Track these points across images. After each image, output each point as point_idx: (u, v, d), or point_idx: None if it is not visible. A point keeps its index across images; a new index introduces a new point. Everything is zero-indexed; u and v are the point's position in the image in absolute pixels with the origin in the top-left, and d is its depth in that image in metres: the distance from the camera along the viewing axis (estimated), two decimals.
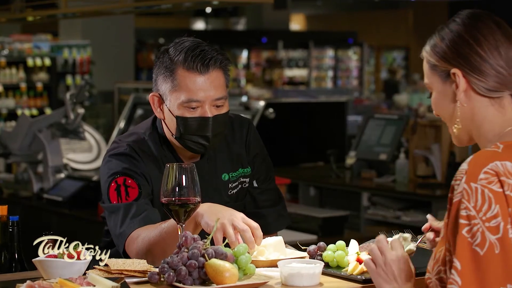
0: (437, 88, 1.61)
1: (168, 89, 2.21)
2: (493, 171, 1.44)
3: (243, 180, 2.38)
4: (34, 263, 1.90)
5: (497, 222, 1.41)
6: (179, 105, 2.20)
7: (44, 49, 8.77)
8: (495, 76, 1.54)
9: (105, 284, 1.73)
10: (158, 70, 2.24)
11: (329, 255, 2.01)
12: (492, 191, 1.42)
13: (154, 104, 2.27)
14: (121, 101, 7.17)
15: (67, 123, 4.83)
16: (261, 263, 2.01)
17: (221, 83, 2.22)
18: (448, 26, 1.60)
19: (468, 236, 1.42)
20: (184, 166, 1.97)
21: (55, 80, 8.74)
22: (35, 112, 8.46)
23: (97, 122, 7.25)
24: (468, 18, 1.59)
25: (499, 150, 1.48)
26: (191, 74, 2.18)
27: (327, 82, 14.56)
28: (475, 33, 1.56)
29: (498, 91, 1.55)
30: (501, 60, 1.55)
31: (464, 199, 1.44)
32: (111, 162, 2.26)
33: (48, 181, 4.75)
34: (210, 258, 1.82)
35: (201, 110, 2.20)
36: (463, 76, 1.56)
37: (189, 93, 2.18)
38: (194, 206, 1.98)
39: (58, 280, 1.74)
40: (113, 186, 2.22)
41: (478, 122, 1.57)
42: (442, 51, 1.59)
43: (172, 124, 2.24)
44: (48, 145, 4.77)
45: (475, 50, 1.55)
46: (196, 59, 2.18)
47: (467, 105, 1.57)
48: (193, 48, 2.20)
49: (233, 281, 1.81)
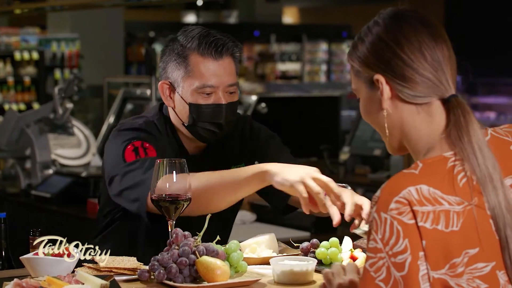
0: (363, 95, 1.49)
1: (180, 75, 2.20)
2: (405, 200, 1.32)
3: None
4: (22, 261, 1.89)
5: (403, 258, 1.30)
6: (193, 92, 2.19)
7: (32, 43, 8.73)
8: (421, 81, 1.42)
9: (94, 282, 1.71)
10: (169, 58, 2.22)
11: (323, 252, 2.01)
12: (401, 223, 1.31)
13: (164, 92, 2.25)
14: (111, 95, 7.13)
15: (55, 118, 4.80)
16: (253, 261, 2.00)
17: (233, 70, 2.23)
18: (369, 27, 1.48)
19: (371, 270, 1.33)
20: (175, 161, 1.95)
21: (43, 74, 8.71)
22: (22, 107, 8.42)
23: (86, 117, 7.21)
24: (390, 18, 1.46)
25: (417, 171, 1.36)
26: (205, 60, 2.18)
27: (320, 76, 14.56)
28: (396, 34, 1.44)
29: (425, 97, 1.42)
30: (426, 64, 1.42)
31: (373, 229, 1.33)
32: (123, 134, 2.20)
33: (36, 177, 4.72)
34: (201, 256, 1.81)
35: (214, 97, 2.20)
36: (387, 83, 1.44)
37: (203, 78, 2.18)
38: (185, 202, 1.96)
39: (46, 278, 1.73)
40: (129, 148, 2.16)
41: (407, 131, 1.45)
42: (363, 55, 1.47)
43: (184, 112, 2.22)
44: (36, 141, 4.74)
45: (397, 54, 1.42)
46: (210, 45, 2.18)
47: (394, 113, 1.44)
48: (206, 35, 2.20)
49: (224, 278, 1.80)
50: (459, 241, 1.32)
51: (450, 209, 1.33)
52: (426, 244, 1.31)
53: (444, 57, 1.43)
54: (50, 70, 8.79)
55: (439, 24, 1.47)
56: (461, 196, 1.34)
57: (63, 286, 1.68)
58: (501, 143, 1.45)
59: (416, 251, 1.30)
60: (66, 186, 4.49)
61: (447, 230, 1.32)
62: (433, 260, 1.31)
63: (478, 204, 1.35)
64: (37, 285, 1.71)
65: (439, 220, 1.32)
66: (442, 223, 1.32)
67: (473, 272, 1.33)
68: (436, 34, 1.45)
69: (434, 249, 1.31)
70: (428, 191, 1.33)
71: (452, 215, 1.33)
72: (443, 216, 1.32)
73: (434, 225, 1.31)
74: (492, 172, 1.36)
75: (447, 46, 1.45)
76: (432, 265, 1.31)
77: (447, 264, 1.31)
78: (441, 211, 1.32)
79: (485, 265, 1.34)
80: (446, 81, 1.43)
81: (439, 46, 1.44)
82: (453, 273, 1.31)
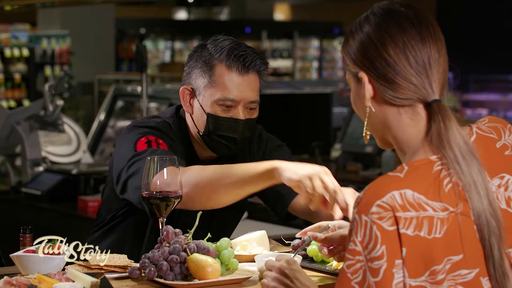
0: (352, 87, 1.49)
1: (203, 84, 2.20)
2: (387, 205, 1.30)
3: None
4: (12, 259, 1.88)
5: (379, 265, 1.28)
6: (213, 102, 2.18)
7: (22, 39, 8.71)
8: (403, 84, 1.40)
9: (84, 280, 1.70)
10: (195, 64, 2.22)
11: (314, 250, 2.00)
12: (381, 229, 1.29)
13: (185, 97, 2.24)
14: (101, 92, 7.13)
15: (45, 115, 4.78)
16: (244, 258, 2.00)
17: (257, 87, 2.23)
18: (361, 23, 1.46)
19: (349, 271, 1.31)
20: (166, 158, 1.94)
21: (34, 71, 8.68)
22: (13, 104, 8.39)
23: (76, 114, 7.20)
24: (380, 15, 1.44)
25: (402, 174, 1.33)
26: (230, 73, 2.18)
27: (312, 73, 14.57)
28: (383, 34, 1.41)
29: (407, 99, 1.40)
30: (410, 67, 1.39)
31: (353, 231, 1.32)
32: (139, 129, 2.19)
33: (26, 175, 4.70)
34: (192, 253, 1.81)
35: (234, 111, 2.19)
36: (369, 82, 1.42)
37: (225, 91, 2.17)
38: (176, 199, 1.95)
39: (37, 276, 1.72)
40: (143, 140, 2.16)
41: (391, 130, 1.43)
42: (352, 51, 1.45)
43: (201, 120, 2.21)
44: (26, 138, 4.73)
45: (381, 55, 1.40)
46: (238, 59, 2.18)
47: (377, 111, 1.43)
48: (235, 48, 2.20)
49: (215, 276, 1.80)
50: (442, 248, 1.31)
51: (434, 215, 1.31)
52: (406, 252, 1.29)
53: (431, 59, 1.41)
54: (40, 67, 8.77)
55: (432, 21, 1.44)
56: (446, 202, 1.33)
57: (54, 283, 1.67)
58: (487, 141, 1.43)
59: (393, 259, 1.29)
60: (56, 183, 4.48)
61: (430, 237, 1.30)
62: (412, 267, 1.29)
63: (462, 211, 1.33)
64: (27, 282, 1.70)
65: (422, 227, 1.30)
66: (425, 229, 1.30)
67: (456, 278, 1.32)
68: (426, 34, 1.42)
69: (414, 256, 1.29)
70: (412, 196, 1.31)
71: (436, 222, 1.31)
72: (426, 223, 1.31)
73: (417, 232, 1.30)
74: (476, 179, 1.34)
75: (437, 47, 1.42)
76: (411, 273, 1.29)
77: (427, 271, 1.30)
78: (425, 217, 1.31)
79: (468, 272, 1.33)
80: (429, 86, 1.40)
81: (427, 47, 1.41)
82: (433, 280, 1.30)
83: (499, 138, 1.44)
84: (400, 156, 1.45)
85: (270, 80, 13.08)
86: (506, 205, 1.40)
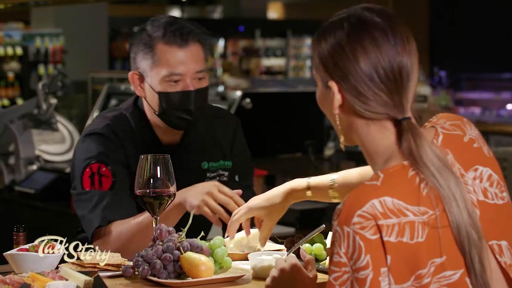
0: (318, 87, 1.47)
1: (148, 65, 2.23)
2: (369, 214, 1.29)
3: (222, 172, 2.39)
4: (5, 257, 1.88)
5: (365, 275, 1.28)
6: (161, 80, 2.21)
7: (16, 38, 8.68)
8: (374, 99, 1.37)
9: (78, 278, 1.71)
10: (137, 48, 2.25)
11: (307, 248, 2.01)
12: (364, 238, 1.28)
13: (134, 82, 2.28)
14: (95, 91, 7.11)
15: (39, 113, 4.78)
16: (238, 256, 2.01)
17: (200, 56, 2.25)
18: (334, 26, 1.41)
19: (337, 283, 1.30)
20: (159, 157, 1.95)
21: (27, 70, 8.66)
22: (6, 102, 8.37)
23: (70, 113, 7.18)
24: (354, 24, 1.39)
25: (379, 182, 1.32)
26: (170, 48, 2.21)
27: (305, 72, 14.55)
28: (356, 46, 1.37)
29: (377, 113, 1.38)
30: (382, 84, 1.36)
31: (337, 243, 1.31)
32: (87, 143, 2.26)
33: (20, 173, 4.70)
34: (185, 251, 1.81)
35: (182, 84, 2.22)
36: (339, 91, 1.40)
37: (170, 67, 2.20)
38: (169, 198, 1.96)
39: (30, 274, 1.72)
40: (87, 173, 2.22)
41: (359, 137, 1.41)
42: (324, 55, 1.41)
43: (154, 100, 2.24)
44: (20, 136, 4.72)
45: (353, 67, 1.37)
46: (175, 33, 2.21)
47: (345, 119, 1.41)
48: (171, 23, 2.23)
49: (209, 274, 1.80)
50: (425, 252, 1.31)
51: (415, 220, 1.31)
52: (391, 259, 1.29)
53: (403, 74, 1.38)
54: (34, 65, 8.74)
55: (407, 34, 1.40)
56: (425, 206, 1.32)
57: (47, 282, 1.67)
58: (454, 138, 1.44)
59: (378, 268, 1.28)
60: (50, 182, 4.47)
61: (412, 241, 1.30)
62: (397, 273, 1.29)
63: (441, 214, 1.33)
64: (21, 281, 1.70)
65: (404, 232, 1.30)
66: (407, 235, 1.30)
67: (441, 280, 1.32)
68: (401, 48, 1.38)
69: (399, 263, 1.29)
70: (392, 202, 1.31)
71: (417, 226, 1.31)
72: (408, 228, 1.31)
73: (399, 238, 1.30)
74: (454, 192, 1.34)
75: (411, 61, 1.39)
76: (396, 279, 1.29)
77: (412, 275, 1.30)
78: (406, 223, 1.31)
79: (453, 272, 1.33)
80: (400, 103, 1.38)
81: (400, 62, 1.38)
82: (419, 284, 1.30)
83: (464, 134, 1.45)
84: (368, 162, 1.43)
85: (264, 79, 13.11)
86: (483, 196, 1.41)
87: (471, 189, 1.40)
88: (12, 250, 1.89)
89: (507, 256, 1.40)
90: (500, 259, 1.39)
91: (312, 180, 2.00)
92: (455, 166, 1.40)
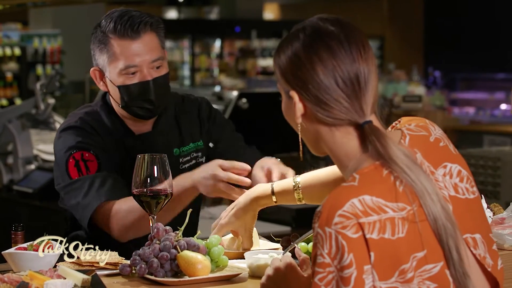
0: (283, 99, 1.49)
1: (105, 60, 2.24)
2: (349, 213, 1.31)
3: (196, 155, 2.40)
4: (4, 256, 1.89)
5: (349, 273, 1.29)
6: (118, 74, 2.23)
7: (14, 39, 8.68)
8: (335, 106, 1.39)
9: (75, 277, 1.71)
10: (94, 45, 2.27)
11: (303, 246, 2.01)
12: (346, 237, 1.30)
13: (96, 78, 2.30)
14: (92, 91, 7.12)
15: (37, 113, 4.79)
16: (234, 255, 2.01)
17: (156, 45, 2.25)
18: (291, 38, 1.44)
19: (322, 284, 1.32)
20: (156, 156, 1.96)
21: (25, 70, 8.66)
22: (4, 102, 8.37)
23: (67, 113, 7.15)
24: (310, 35, 1.42)
25: (356, 183, 1.35)
26: (123, 42, 2.21)
27: None
28: (312, 56, 1.40)
29: (339, 119, 1.41)
30: (340, 90, 1.39)
31: (319, 244, 1.32)
32: (63, 137, 2.27)
33: (18, 173, 4.71)
34: (182, 250, 1.82)
35: (140, 75, 2.23)
36: (300, 100, 1.42)
37: (125, 60, 2.22)
38: (166, 197, 1.97)
39: (28, 273, 1.72)
40: (71, 162, 2.22)
41: (326, 144, 1.44)
42: (283, 67, 1.44)
43: (116, 94, 2.27)
44: (18, 136, 4.73)
45: (312, 77, 1.40)
46: (125, 26, 2.21)
47: (309, 127, 1.44)
48: (122, 16, 2.24)
49: (205, 273, 1.81)
50: (406, 247, 1.33)
51: (394, 216, 1.33)
52: (374, 256, 1.31)
53: (361, 80, 1.41)
54: (32, 66, 8.74)
55: (363, 40, 1.43)
56: (402, 202, 1.34)
57: (45, 280, 1.68)
58: (420, 139, 1.46)
59: (361, 265, 1.30)
60: (48, 181, 4.48)
61: (394, 237, 1.32)
62: (381, 270, 1.31)
63: (418, 209, 1.35)
64: (19, 279, 1.71)
65: (386, 229, 1.32)
66: (389, 231, 1.32)
67: (422, 274, 1.34)
68: (356, 54, 1.41)
69: (382, 259, 1.31)
70: (371, 200, 1.33)
71: (397, 222, 1.33)
72: (389, 224, 1.32)
73: (381, 235, 1.31)
74: (427, 186, 1.36)
75: (367, 66, 1.42)
76: (381, 275, 1.31)
77: (396, 271, 1.32)
78: (387, 219, 1.32)
79: (433, 265, 1.35)
80: (360, 108, 1.41)
81: (357, 68, 1.40)
82: (403, 279, 1.32)
83: (429, 134, 1.48)
84: (339, 168, 1.46)
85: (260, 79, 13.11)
86: (454, 192, 1.44)
87: (442, 185, 1.43)
88: (10, 248, 1.90)
89: (481, 249, 1.43)
90: (475, 251, 1.42)
91: (275, 185, 2.04)
92: (424, 164, 1.42)
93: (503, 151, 5.97)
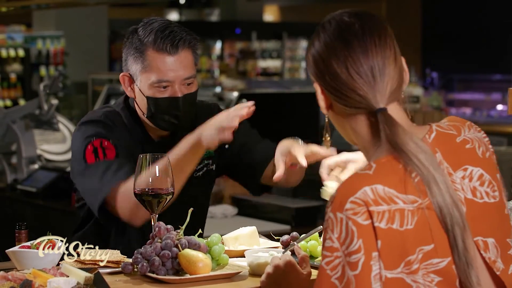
0: (316, 89, 1.53)
1: (138, 69, 2.24)
2: (361, 200, 1.33)
3: (207, 162, 2.41)
4: (8, 254, 1.90)
5: (357, 258, 1.32)
6: (150, 86, 2.23)
7: (18, 40, 8.69)
8: (350, 95, 1.43)
9: (78, 275, 1.72)
10: (128, 51, 2.27)
11: (303, 245, 2.02)
12: (356, 223, 1.32)
13: (125, 83, 2.30)
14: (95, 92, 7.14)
15: (41, 114, 4.81)
16: (235, 253, 2.02)
17: (190, 62, 2.26)
18: (317, 35, 1.49)
19: (328, 268, 1.34)
20: (158, 156, 1.97)
21: (29, 71, 8.67)
22: (8, 103, 8.38)
23: (71, 113, 7.21)
24: (330, 31, 1.47)
25: (371, 171, 1.37)
26: (161, 55, 2.21)
27: (300, 73, 14.54)
28: (329, 51, 1.45)
29: (356, 108, 1.45)
30: (353, 80, 1.43)
31: (329, 228, 1.35)
32: (84, 128, 2.27)
33: (22, 172, 4.73)
34: (183, 249, 1.83)
35: (171, 90, 2.24)
36: (322, 92, 1.49)
37: (159, 74, 2.22)
38: (168, 196, 1.98)
39: (32, 271, 1.74)
40: (89, 149, 2.22)
41: (353, 133, 1.48)
42: (309, 61, 1.50)
43: (143, 103, 2.27)
44: (22, 136, 4.75)
45: (327, 68, 1.45)
46: (165, 40, 2.21)
47: (333, 118, 1.50)
48: (163, 29, 2.23)
49: (206, 271, 1.82)
50: (414, 239, 1.34)
51: (404, 207, 1.35)
52: (381, 244, 1.33)
53: (375, 70, 1.43)
54: (35, 67, 8.74)
55: (379, 31, 1.46)
56: (414, 195, 1.36)
57: (48, 278, 1.69)
58: (447, 137, 1.47)
59: (370, 252, 1.32)
60: (51, 180, 4.50)
61: (402, 228, 1.34)
62: (388, 259, 1.33)
63: (428, 204, 1.37)
64: (23, 277, 1.72)
65: (394, 219, 1.34)
66: (397, 222, 1.34)
67: (428, 267, 1.35)
68: (370, 45, 1.44)
69: (389, 248, 1.33)
70: (383, 190, 1.35)
71: (407, 214, 1.35)
72: (398, 215, 1.34)
73: (389, 225, 1.33)
74: (435, 174, 1.38)
75: (382, 56, 1.44)
76: (387, 265, 1.33)
77: (402, 262, 1.34)
78: (396, 210, 1.34)
79: (440, 260, 1.36)
80: (373, 97, 1.43)
81: (370, 59, 1.43)
82: (409, 270, 1.34)
83: (458, 134, 1.49)
84: (364, 156, 1.49)
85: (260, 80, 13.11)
86: (472, 195, 1.44)
87: (459, 187, 1.43)
88: (14, 247, 1.91)
89: (492, 253, 1.43)
90: (484, 254, 1.42)
91: None
92: (443, 164, 1.43)
93: (499, 151, 5.99)
